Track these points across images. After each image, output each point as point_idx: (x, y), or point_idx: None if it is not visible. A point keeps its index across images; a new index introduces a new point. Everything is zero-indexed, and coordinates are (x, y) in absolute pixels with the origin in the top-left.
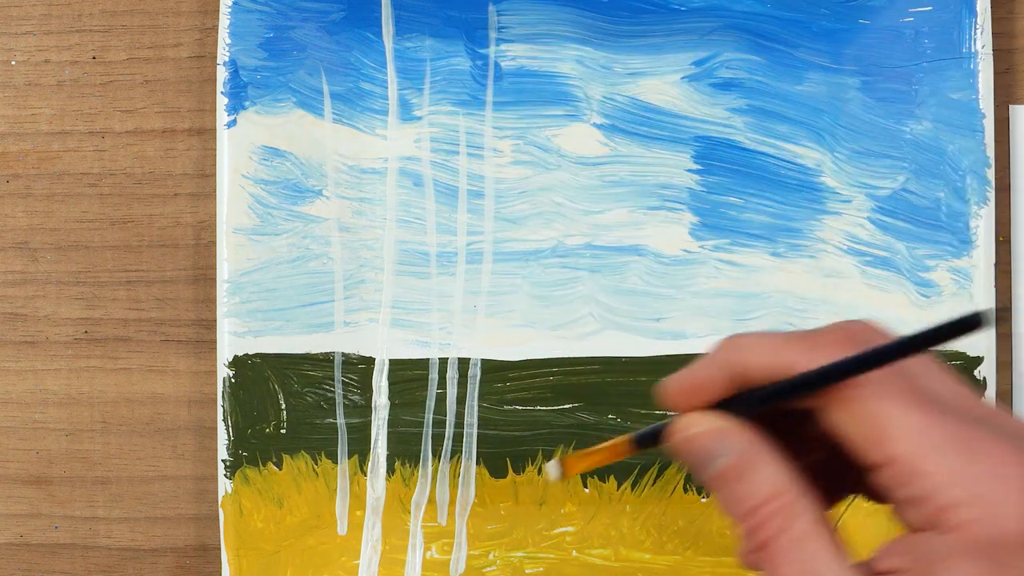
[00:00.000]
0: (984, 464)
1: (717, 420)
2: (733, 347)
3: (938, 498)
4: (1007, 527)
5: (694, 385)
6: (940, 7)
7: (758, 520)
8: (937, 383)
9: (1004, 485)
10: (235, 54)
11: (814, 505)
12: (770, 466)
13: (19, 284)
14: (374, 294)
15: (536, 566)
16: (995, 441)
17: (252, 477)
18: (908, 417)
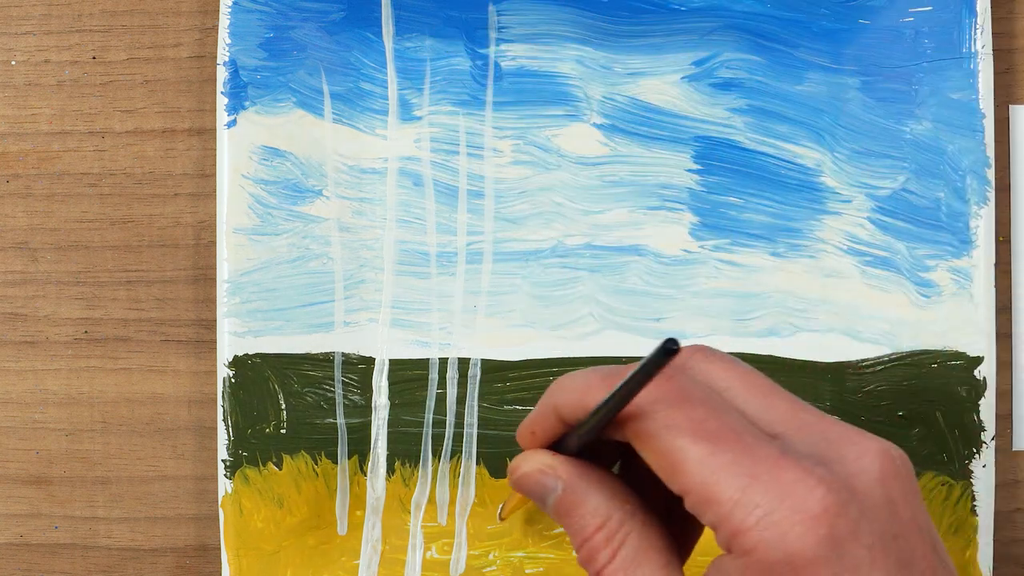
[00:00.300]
0: (767, 486)
1: (544, 458)
2: (552, 390)
3: (729, 524)
4: (794, 547)
5: (531, 427)
6: (940, 7)
7: (588, 551)
8: (740, 403)
9: (787, 504)
10: (235, 54)
11: (644, 532)
12: (596, 498)
13: (19, 284)
14: (374, 294)
15: (536, 566)
16: (779, 460)
17: (252, 477)
18: (694, 448)
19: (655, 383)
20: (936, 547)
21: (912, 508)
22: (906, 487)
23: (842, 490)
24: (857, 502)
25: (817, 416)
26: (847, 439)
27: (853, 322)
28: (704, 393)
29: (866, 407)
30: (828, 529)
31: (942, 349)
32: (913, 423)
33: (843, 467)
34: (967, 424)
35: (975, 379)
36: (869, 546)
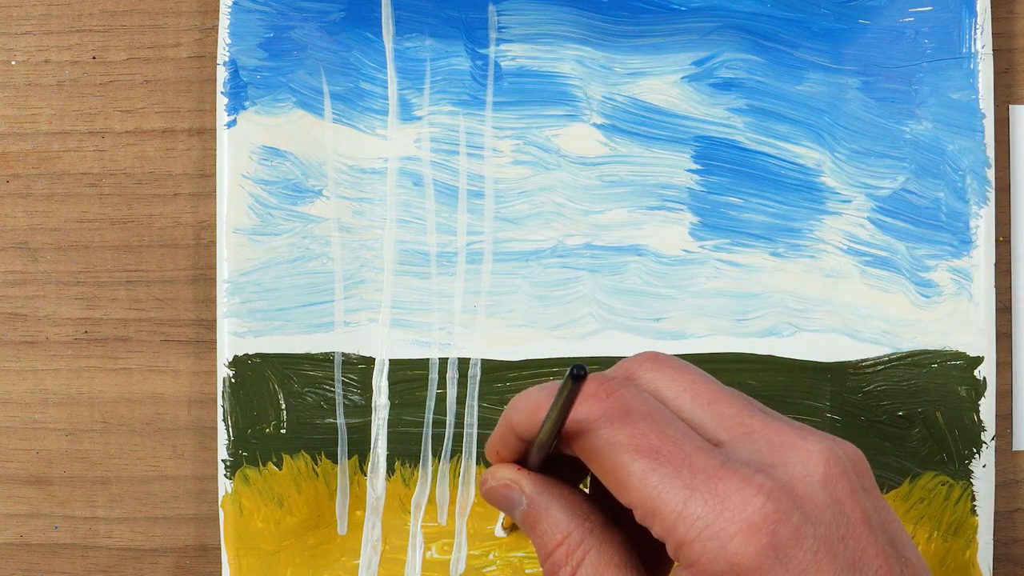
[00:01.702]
0: (706, 497)
1: (509, 473)
2: (508, 409)
3: (674, 536)
4: (735, 557)
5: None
6: (940, 7)
7: (550, 566)
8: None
9: (726, 515)
10: (235, 54)
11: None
12: (557, 514)
13: (19, 284)
14: (374, 294)
15: (536, 566)
16: (718, 471)
17: (252, 477)
18: (636, 464)
19: (596, 400)
20: (895, 543)
21: (862, 508)
22: (854, 486)
23: (783, 497)
24: (799, 507)
25: (763, 421)
26: (789, 444)
27: (853, 322)
28: (647, 406)
29: (866, 407)
30: (769, 537)
31: (942, 349)
32: (913, 423)
33: (785, 472)
34: (967, 424)
35: (975, 379)
36: (814, 551)
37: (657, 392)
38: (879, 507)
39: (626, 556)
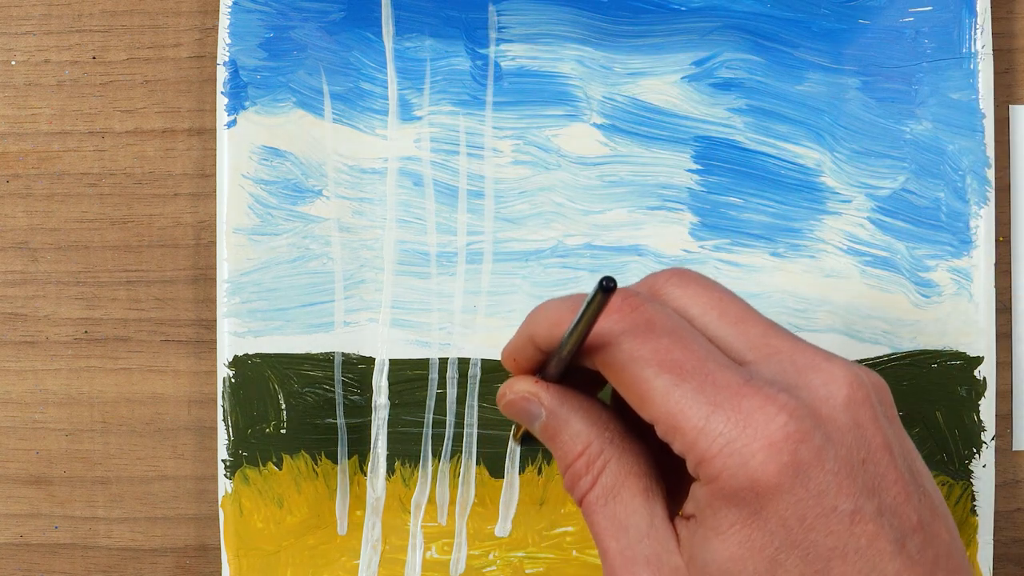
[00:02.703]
0: (729, 414)
1: (527, 385)
2: (529, 319)
3: (695, 452)
4: (756, 473)
5: (512, 354)
6: (940, 7)
7: (570, 477)
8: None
9: (748, 432)
10: (235, 54)
11: (624, 459)
12: (577, 425)
13: (19, 284)
14: (374, 294)
15: (536, 566)
16: (741, 388)
17: (252, 477)
18: (659, 379)
19: (619, 314)
20: (914, 473)
21: (884, 434)
22: (876, 412)
23: (805, 417)
24: (821, 428)
25: (789, 342)
26: (814, 366)
27: (853, 322)
28: (671, 322)
29: None
30: (790, 456)
31: (942, 349)
32: (913, 423)
33: (809, 393)
34: (967, 424)
35: (975, 379)
36: (834, 472)
37: (683, 308)
38: (900, 436)
39: (646, 466)
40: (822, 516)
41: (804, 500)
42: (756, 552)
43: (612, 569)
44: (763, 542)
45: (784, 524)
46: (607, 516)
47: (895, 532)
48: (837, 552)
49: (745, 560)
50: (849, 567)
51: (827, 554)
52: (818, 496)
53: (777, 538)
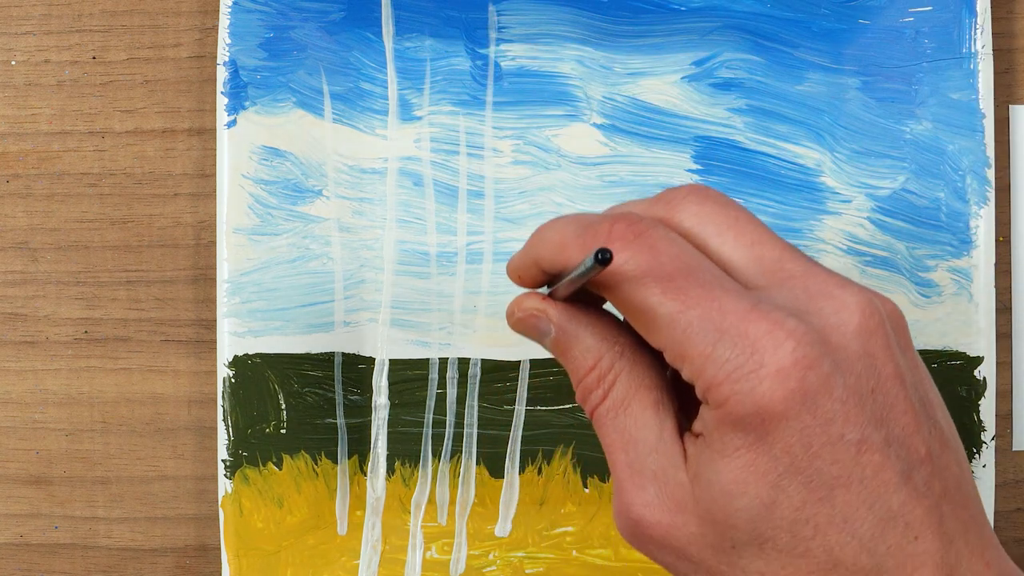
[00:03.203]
0: (736, 340)
1: (535, 303)
2: (533, 241)
3: (703, 379)
4: (763, 400)
5: (516, 271)
6: (940, 7)
7: (582, 391)
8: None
9: (756, 358)
10: (235, 54)
11: (635, 371)
12: (588, 339)
13: (19, 284)
14: (374, 294)
15: (536, 566)
16: (748, 314)
17: (252, 477)
18: (665, 306)
19: (623, 242)
20: (926, 404)
21: (895, 363)
22: (889, 341)
23: (815, 343)
24: (831, 356)
25: (804, 267)
26: (826, 293)
27: None
28: (676, 249)
29: None
30: (798, 383)
31: (942, 349)
32: None
33: (819, 320)
34: (967, 424)
35: (975, 379)
36: (842, 400)
37: (699, 227)
38: (914, 366)
39: (657, 379)
40: (828, 444)
41: (810, 427)
42: (759, 476)
43: (620, 481)
44: (767, 467)
45: (789, 451)
46: (617, 429)
47: (902, 463)
48: (841, 481)
49: (748, 483)
50: (853, 496)
51: (831, 482)
52: (825, 424)
53: (781, 464)
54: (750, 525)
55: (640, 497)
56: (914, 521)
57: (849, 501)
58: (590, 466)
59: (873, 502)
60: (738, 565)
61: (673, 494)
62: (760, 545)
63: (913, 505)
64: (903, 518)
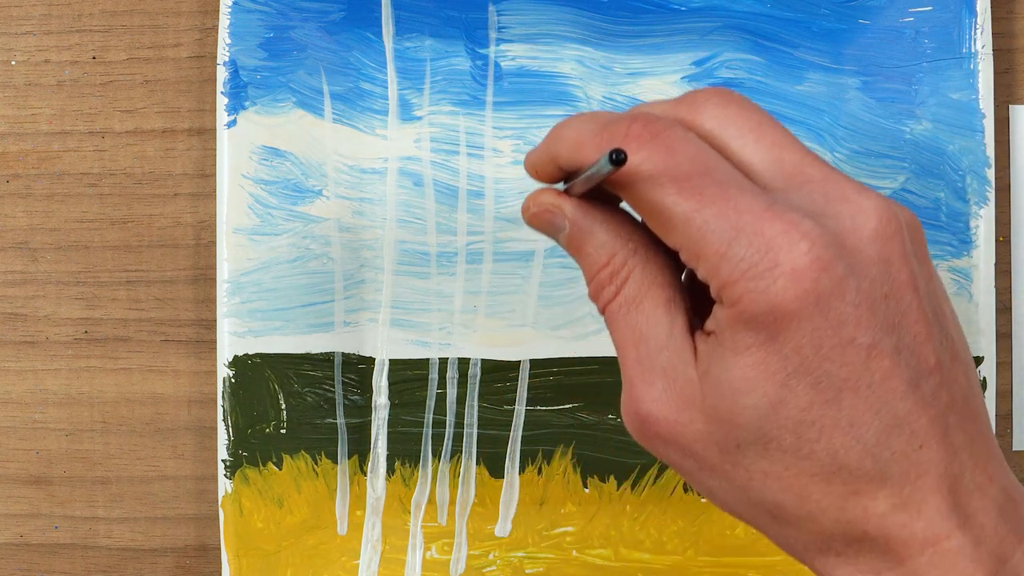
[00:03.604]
0: (751, 239)
1: (550, 198)
2: (551, 137)
3: (718, 278)
4: (776, 299)
5: (534, 166)
6: (940, 7)
7: (595, 287)
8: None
9: (770, 257)
10: (235, 54)
11: (648, 269)
12: (602, 235)
13: (19, 284)
14: (374, 294)
15: (536, 566)
16: (764, 213)
17: (252, 477)
18: (680, 205)
19: (639, 142)
20: (939, 316)
21: (910, 271)
22: (906, 248)
23: (829, 245)
24: (845, 259)
25: (824, 172)
26: (844, 197)
27: None
28: (692, 148)
29: None
30: (811, 284)
31: None
32: None
33: (836, 223)
34: None
35: None
36: (855, 304)
37: (720, 129)
38: (929, 277)
39: (670, 277)
40: (838, 347)
41: (822, 329)
42: (769, 375)
43: (629, 377)
44: (777, 366)
45: (799, 351)
46: (628, 325)
47: (911, 371)
48: (849, 384)
49: (756, 381)
50: (860, 400)
51: (839, 384)
52: (836, 327)
53: (791, 364)
54: (755, 424)
55: (648, 393)
56: (919, 429)
57: (856, 405)
58: (590, 466)
59: (880, 408)
60: (742, 464)
61: (682, 390)
62: (764, 445)
63: (919, 413)
64: (909, 426)
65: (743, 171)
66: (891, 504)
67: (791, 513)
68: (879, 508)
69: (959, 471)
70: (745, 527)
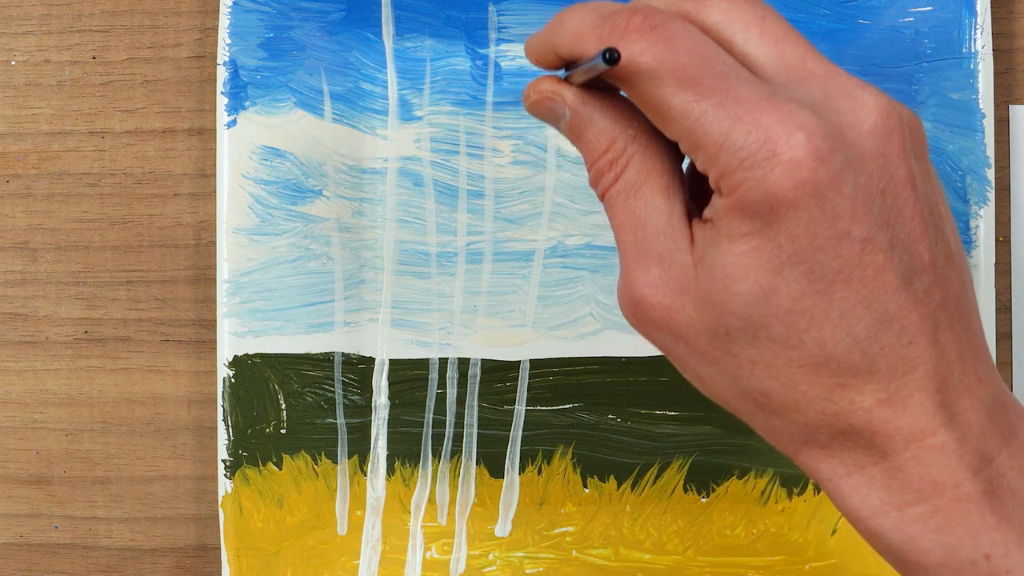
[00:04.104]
0: (749, 128)
1: (551, 86)
2: (552, 26)
3: (716, 167)
4: (772, 188)
5: (534, 54)
6: (940, 7)
7: (595, 173)
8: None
9: (768, 147)
10: (235, 54)
11: (647, 155)
12: (602, 122)
13: (19, 284)
14: (374, 294)
15: (536, 566)
16: (762, 103)
17: (252, 477)
18: (678, 96)
19: (638, 34)
20: (935, 213)
21: (908, 167)
22: (905, 145)
23: (828, 137)
24: (843, 151)
25: (826, 68)
26: (846, 91)
27: None
28: (691, 39)
29: None
30: (809, 174)
31: None
32: None
33: (836, 116)
34: None
35: None
36: (851, 197)
37: (726, 24)
38: (927, 176)
39: (669, 164)
40: (833, 239)
41: (817, 220)
42: (762, 262)
43: (626, 261)
44: (771, 254)
45: (794, 240)
46: (627, 211)
47: (904, 267)
48: (842, 276)
49: (750, 268)
50: (852, 293)
51: (831, 276)
52: (832, 219)
53: (784, 252)
54: (746, 311)
55: (644, 277)
56: (909, 326)
57: (847, 297)
58: (590, 466)
59: (871, 302)
60: (731, 351)
61: (676, 276)
62: (754, 332)
63: (910, 310)
64: (899, 321)
65: (746, 65)
66: (877, 399)
67: (777, 402)
68: (865, 402)
69: (947, 370)
70: (744, 527)
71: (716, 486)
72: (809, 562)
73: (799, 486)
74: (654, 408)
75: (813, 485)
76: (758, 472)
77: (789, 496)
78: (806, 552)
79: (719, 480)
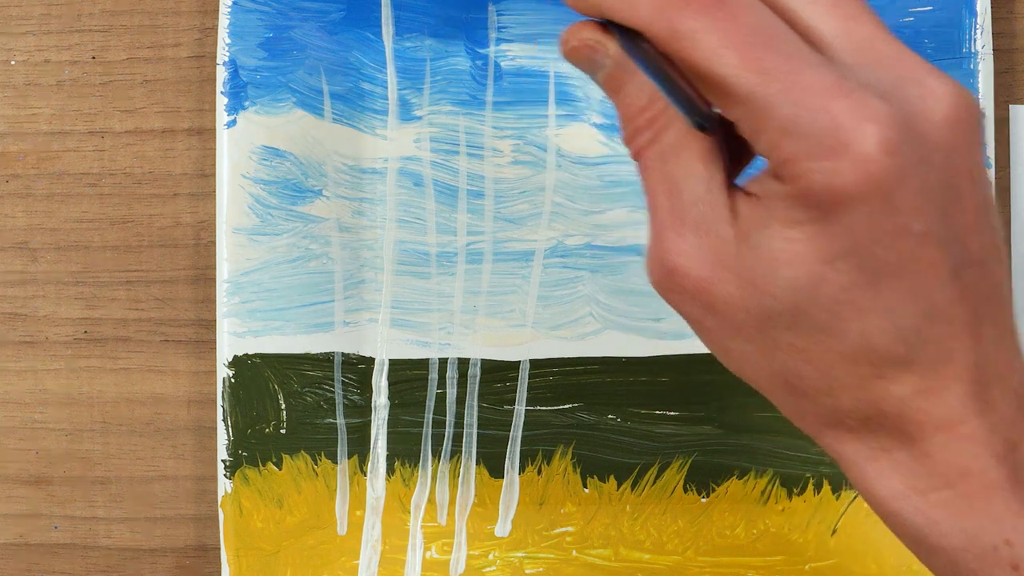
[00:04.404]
0: (817, 115)
1: (594, 34)
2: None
3: (778, 153)
4: (838, 181)
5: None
6: (940, 7)
7: (632, 130)
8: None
9: (838, 138)
10: (235, 54)
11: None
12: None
13: (19, 284)
14: (374, 294)
15: (536, 566)
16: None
17: (252, 477)
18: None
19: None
20: (987, 207)
21: (970, 161)
22: (970, 138)
23: (898, 128)
24: (912, 144)
25: (897, 50)
26: (918, 79)
27: None
28: (758, 17)
29: None
30: (877, 169)
31: None
32: None
33: (906, 105)
34: None
35: None
36: (915, 191)
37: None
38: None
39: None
40: (891, 233)
41: (878, 214)
42: (814, 251)
43: (658, 227)
44: (825, 244)
45: (851, 232)
46: (663, 174)
47: (955, 260)
48: (894, 270)
49: (800, 255)
50: (901, 286)
51: (883, 269)
52: (893, 213)
53: (839, 244)
54: (790, 296)
55: (678, 245)
56: (955, 319)
57: (897, 290)
58: (590, 466)
59: (919, 295)
60: (768, 333)
61: (714, 247)
62: (795, 318)
63: (957, 304)
64: (945, 314)
65: (811, 41)
66: (915, 389)
67: (811, 385)
68: (902, 392)
69: (984, 361)
70: (744, 527)
71: (716, 486)
72: (809, 562)
73: (799, 486)
74: (654, 408)
75: (813, 485)
76: (758, 472)
77: (789, 496)
78: (806, 552)
79: (719, 480)
